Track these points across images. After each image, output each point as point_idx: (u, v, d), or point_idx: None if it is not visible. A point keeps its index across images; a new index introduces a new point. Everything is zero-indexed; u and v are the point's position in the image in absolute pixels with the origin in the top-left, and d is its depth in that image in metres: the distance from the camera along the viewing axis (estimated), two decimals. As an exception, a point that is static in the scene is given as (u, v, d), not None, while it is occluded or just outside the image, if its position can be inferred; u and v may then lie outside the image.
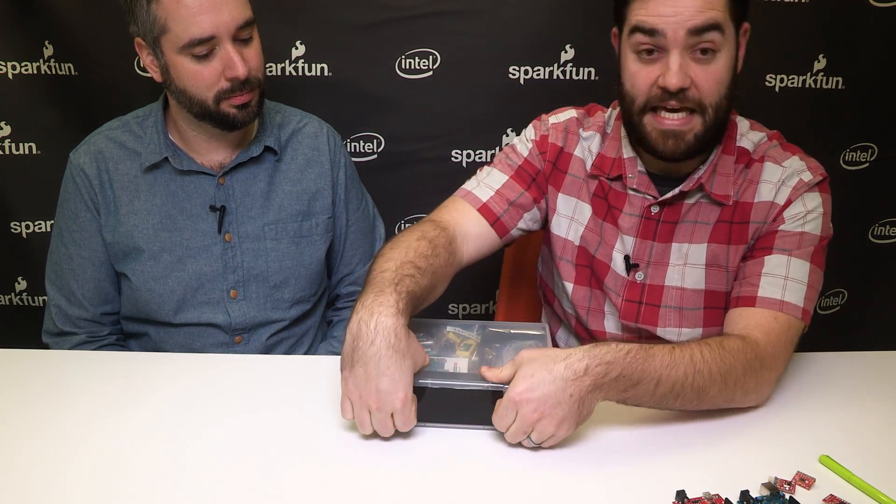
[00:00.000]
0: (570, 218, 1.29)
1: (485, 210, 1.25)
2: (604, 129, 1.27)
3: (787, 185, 1.16)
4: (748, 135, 1.22)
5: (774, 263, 1.13)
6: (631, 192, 1.23)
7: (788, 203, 1.15)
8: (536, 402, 0.93)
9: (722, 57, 1.08)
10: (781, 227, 1.15)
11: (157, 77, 1.29)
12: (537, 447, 0.97)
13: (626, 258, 1.24)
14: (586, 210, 1.27)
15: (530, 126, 1.33)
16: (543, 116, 1.33)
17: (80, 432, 1.02)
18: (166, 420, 1.05)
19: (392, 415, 0.96)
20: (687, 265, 1.21)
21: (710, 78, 1.08)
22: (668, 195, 1.19)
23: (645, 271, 1.23)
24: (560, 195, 1.29)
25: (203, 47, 1.21)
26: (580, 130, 1.29)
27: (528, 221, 1.30)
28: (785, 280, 1.12)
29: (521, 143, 1.32)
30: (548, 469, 0.95)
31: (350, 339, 0.95)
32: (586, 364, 0.93)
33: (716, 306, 1.21)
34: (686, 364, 0.97)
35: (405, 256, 1.07)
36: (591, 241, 1.27)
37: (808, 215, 1.15)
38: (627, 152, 1.22)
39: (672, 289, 1.22)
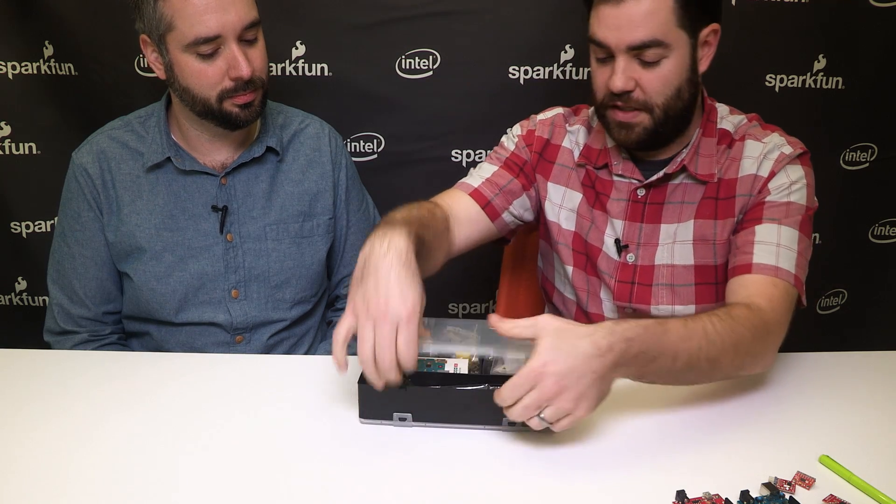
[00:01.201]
0: (560, 205, 1.34)
1: (476, 194, 1.31)
2: (588, 123, 1.34)
3: (769, 159, 1.20)
4: (728, 118, 1.28)
5: (765, 232, 1.17)
6: (617, 178, 1.28)
7: (772, 175, 1.19)
8: (559, 375, 0.88)
9: (669, 63, 1.14)
10: (768, 199, 1.19)
11: (161, 75, 1.29)
12: (544, 430, 0.93)
13: (617, 241, 1.28)
14: (576, 197, 1.33)
15: (517, 124, 1.40)
16: (532, 116, 1.40)
17: (80, 432, 1.02)
18: (166, 420, 1.05)
19: (397, 332, 0.92)
20: (676, 242, 1.25)
21: (656, 81, 1.15)
22: (653, 178, 1.24)
23: (636, 252, 1.27)
24: (549, 184, 1.35)
25: (208, 46, 1.21)
26: (567, 125, 1.36)
27: (518, 208, 1.35)
28: (777, 247, 1.15)
29: (508, 138, 1.40)
30: (547, 469, 0.95)
31: (361, 259, 0.96)
32: (609, 341, 0.91)
33: (706, 282, 1.25)
34: (699, 336, 0.98)
35: (408, 213, 1.10)
36: (583, 226, 1.32)
37: (792, 185, 1.19)
38: (611, 141, 1.28)
39: (663, 267, 1.26)
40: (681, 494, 0.87)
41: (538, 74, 1.72)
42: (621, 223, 1.28)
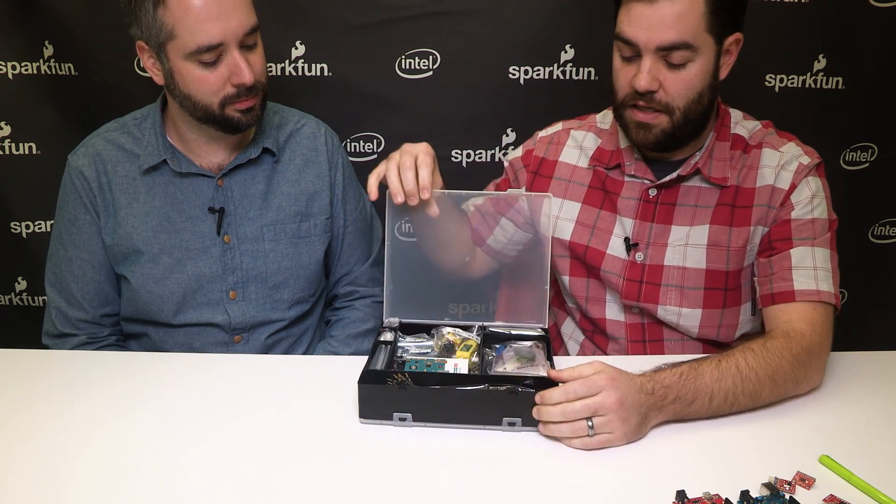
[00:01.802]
0: (556, 217, 1.35)
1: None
2: (596, 127, 1.36)
3: (788, 170, 1.21)
4: (742, 123, 1.28)
5: (800, 256, 1.18)
6: (628, 178, 1.29)
7: (793, 187, 1.20)
8: (621, 392, 0.98)
9: (694, 66, 1.15)
10: (793, 216, 1.20)
11: (159, 80, 1.29)
12: (583, 436, 0.98)
13: (626, 240, 1.29)
14: (574, 207, 1.34)
15: (520, 146, 1.43)
16: (535, 133, 1.43)
17: (80, 432, 1.02)
18: (166, 420, 1.05)
19: (417, 159, 1.15)
20: (688, 245, 1.25)
21: (679, 83, 1.15)
22: (666, 179, 1.25)
23: (645, 252, 1.28)
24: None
25: (211, 54, 1.21)
26: (570, 134, 1.37)
27: (508, 230, 1.38)
28: (815, 270, 1.17)
29: (506, 161, 1.44)
30: (547, 469, 0.95)
31: None
32: (652, 386, 1.01)
33: (716, 287, 1.26)
34: (733, 374, 1.04)
35: None
36: (581, 233, 1.33)
37: (814, 199, 1.20)
38: (624, 143, 1.30)
39: (673, 268, 1.26)
40: (681, 494, 0.87)
41: (538, 74, 1.72)
42: (631, 222, 1.29)
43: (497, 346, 1.17)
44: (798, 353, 1.09)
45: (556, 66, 1.72)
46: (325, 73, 1.72)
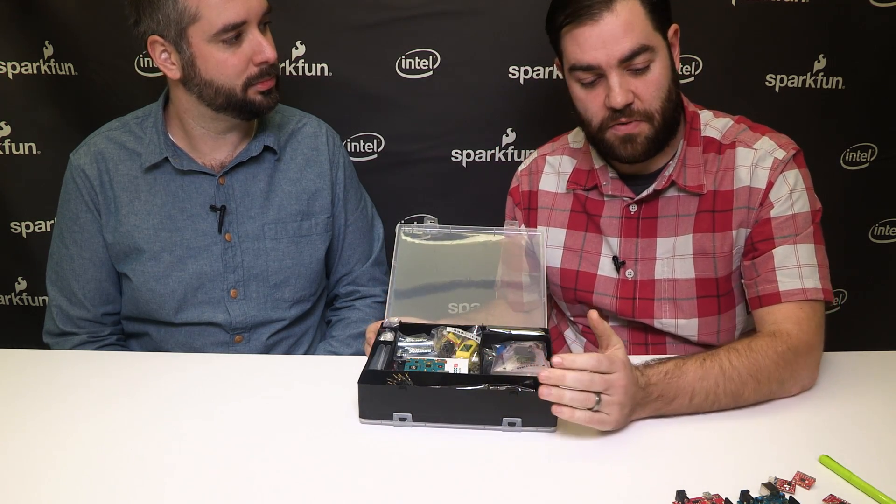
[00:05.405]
0: (545, 246, 1.35)
1: None
2: (569, 148, 1.37)
3: (763, 167, 1.20)
4: (712, 123, 1.27)
5: (783, 255, 1.17)
6: (608, 197, 1.29)
7: (770, 185, 1.19)
8: (628, 379, 0.98)
9: (657, 66, 1.16)
10: (773, 214, 1.19)
11: (175, 74, 1.28)
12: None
13: (615, 258, 1.29)
14: (559, 233, 1.35)
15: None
16: (516, 171, 1.45)
17: (80, 433, 1.02)
18: (166, 420, 1.05)
19: None
20: (675, 257, 1.25)
21: (650, 87, 1.16)
22: (644, 194, 1.25)
23: (634, 268, 1.28)
24: (538, 228, 1.37)
25: (234, 33, 1.23)
26: (546, 160, 1.38)
27: None
28: (799, 268, 1.16)
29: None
30: (547, 469, 0.95)
31: None
32: (644, 381, 1.01)
33: (707, 294, 1.26)
34: (716, 374, 1.04)
35: None
36: (570, 259, 1.33)
37: (793, 194, 1.19)
38: (598, 162, 1.30)
39: (664, 281, 1.26)
40: (681, 494, 0.87)
41: (538, 74, 1.72)
42: (616, 240, 1.29)
43: (497, 345, 1.17)
44: (783, 352, 1.08)
45: (555, 65, 1.72)
46: (325, 73, 1.72)
